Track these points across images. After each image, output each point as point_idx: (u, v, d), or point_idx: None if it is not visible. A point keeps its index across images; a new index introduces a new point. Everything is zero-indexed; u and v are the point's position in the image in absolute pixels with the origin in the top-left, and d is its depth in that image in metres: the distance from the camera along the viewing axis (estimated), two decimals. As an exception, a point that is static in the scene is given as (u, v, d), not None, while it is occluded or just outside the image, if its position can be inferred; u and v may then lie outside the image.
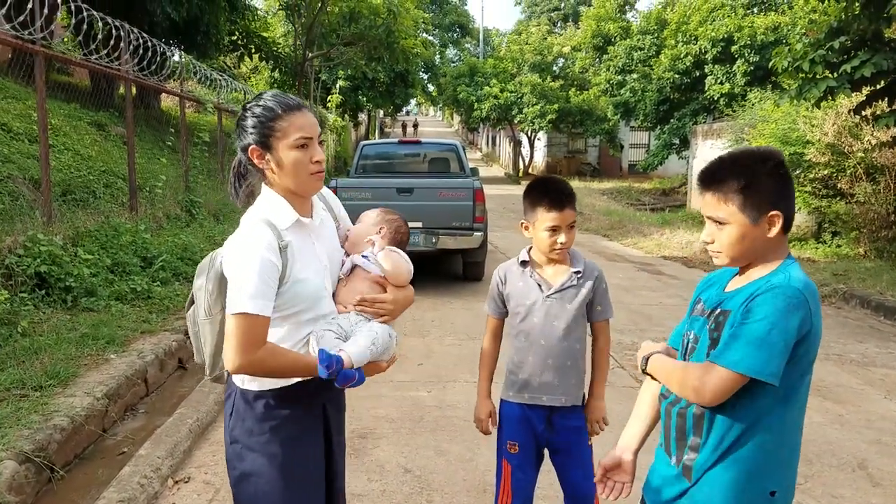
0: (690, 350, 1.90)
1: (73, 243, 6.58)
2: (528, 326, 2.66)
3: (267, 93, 2.02)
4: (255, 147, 1.96)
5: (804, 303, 1.66)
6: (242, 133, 1.99)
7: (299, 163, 1.95)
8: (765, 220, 1.73)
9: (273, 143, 1.95)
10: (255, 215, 1.95)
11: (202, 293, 2.01)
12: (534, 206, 2.61)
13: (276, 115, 1.94)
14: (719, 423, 1.77)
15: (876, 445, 4.44)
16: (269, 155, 1.96)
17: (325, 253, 2.11)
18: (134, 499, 3.42)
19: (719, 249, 1.81)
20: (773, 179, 1.73)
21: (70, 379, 4.46)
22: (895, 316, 7.69)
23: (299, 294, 1.96)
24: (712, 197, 1.79)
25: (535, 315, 2.64)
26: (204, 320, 2.02)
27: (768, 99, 14.90)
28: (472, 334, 6.92)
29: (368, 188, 8.88)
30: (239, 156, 2.06)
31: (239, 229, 1.94)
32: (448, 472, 3.97)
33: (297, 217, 1.99)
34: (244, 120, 1.99)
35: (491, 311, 2.83)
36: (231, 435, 2.05)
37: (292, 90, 21.96)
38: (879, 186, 10.62)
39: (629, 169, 32.71)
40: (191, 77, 12.17)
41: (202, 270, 2.03)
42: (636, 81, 24.20)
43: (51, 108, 8.66)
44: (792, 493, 1.82)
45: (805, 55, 8.14)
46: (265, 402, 2.02)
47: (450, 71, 36.09)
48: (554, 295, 2.62)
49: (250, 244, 1.87)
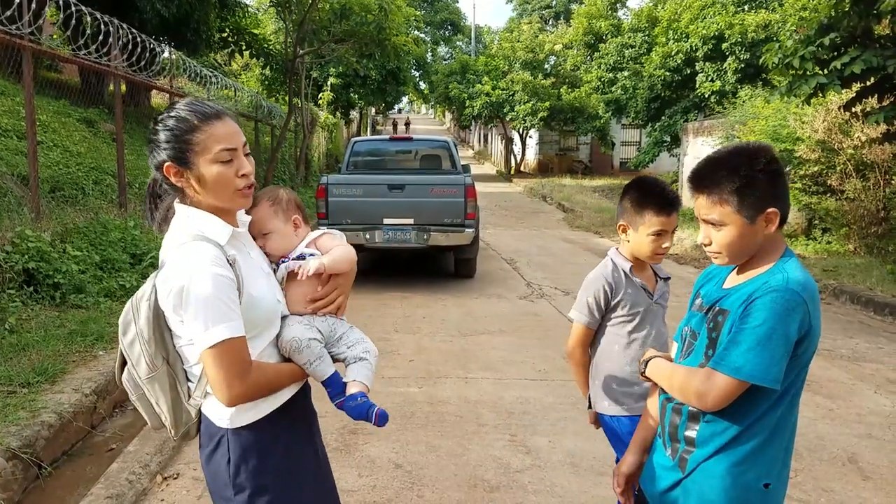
0: (688, 346, 1.89)
1: (62, 240, 6.54)
2: (642, 334, 2.52)
3: (180, 102, 1.80)
4: (171, 164, 1.73)
5: (802, 303, 1.65)
6: (155, 149, 1.75)
7: (224, 178, 1.74)
8: (762, 218, 1.73)
9: (191, 158, 1.72)
10: (183, 236, 1.72)
11: (136, 349, 1.76)
12: (640, 209, 2.44)
13: (192, 126, 1.72)
14: (715, 420, 1.77)
15: (866, 440, 4.45)
16: (188, 172, 1.73)
17: (261, 259, 1.94)
18: (122, 495, 3.40)
19: (718, 251, 1.80)
20: (767, 177, 1.72)
21: (58, 375, 4.43)
22: (885, 311, 7.73)
23: (258, 313, 1.78)
24: (706, 199, 1.77)
25: (647, 321, 2.54)
26: (148, 378, 1.78)
27: (759, 96, 14.92)
28: (463, 331, 6.91)
29: (359, 185, 8.87)
30: (154, 174, 1.82)
31: (170, 258, 1.71)
32: (439, 467, 3.96)
33: (232, 229, 1.79)
34: (155, 134, 1.75)
35: (588, 322, 2.55)
36: (235, 485, 1.79)
37: (283, 87, 21.90)
38: (869, 183, 10.66)
39: (621, 166, 32.74)
40: (181, 74, 12.11)
41: (128, 323, 1.78)
42: (627, 79, 24.20)
43: (40, 105, 8.61)
44: (785, 485, 1.83)
45: (795, 52, 8.15)
46: (265, 428, 1.83)
47: (441, 68, 36.04)
48: (659, 300, 2.57)
49: (195, 266, 1.65)
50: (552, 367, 5.76)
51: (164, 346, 1.77)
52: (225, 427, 1.80)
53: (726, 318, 1.75)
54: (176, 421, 1.83)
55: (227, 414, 1.79)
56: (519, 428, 4.53)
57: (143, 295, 1.77)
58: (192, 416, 1.84)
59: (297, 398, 1.93)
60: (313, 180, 18.34)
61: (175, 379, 1.79)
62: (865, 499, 3.69)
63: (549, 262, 11.01)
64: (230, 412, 1.78)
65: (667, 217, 2.41)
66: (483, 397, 5.06)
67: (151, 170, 1.81)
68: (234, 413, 1.78)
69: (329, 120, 27.17)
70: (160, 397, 1.80)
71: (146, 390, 1.81)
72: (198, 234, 1.72)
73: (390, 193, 8.74)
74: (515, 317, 7.53)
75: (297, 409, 1.94)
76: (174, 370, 1.79)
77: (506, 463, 4.03)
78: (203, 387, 1.79)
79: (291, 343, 1.85)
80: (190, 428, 1.86)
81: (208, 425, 1.83)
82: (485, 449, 4.22)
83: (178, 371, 1.80)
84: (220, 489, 1.83)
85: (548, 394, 5.14)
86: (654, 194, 2.44)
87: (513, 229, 15.34)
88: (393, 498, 3.62)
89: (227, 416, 1.79)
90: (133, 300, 1.80)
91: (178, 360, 1.80)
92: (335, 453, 4.10)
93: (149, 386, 1.80)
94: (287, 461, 1.86)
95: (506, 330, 6.99)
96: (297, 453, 1.92)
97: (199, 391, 1.80)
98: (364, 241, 8.66)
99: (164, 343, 1.76)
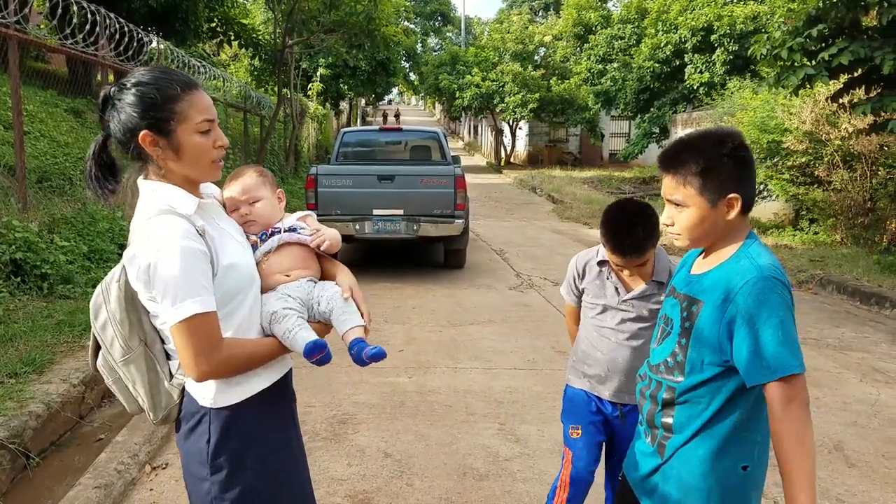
0: (663, 332, 1.90)
1: (49, 230, 6.49)
2: (609, 327, 2.62)
3: (148, 70, 1.74)
4: (148, 132, 1.67)
5: (785, 284, 1.67)
6: (122, 115, 1.68)
7: (202, 148, 1.72)
8: (723, 202, 1.73)
9: (172, 126, 1.68)
10: (149, 211, 1.67)
11: (109, 332, 1.73)
12: (602, 239, 2.50)
13: (174, 95, 1.69)
14: (690, 404, 1.79)
15: (852, 427, 4.50)
16: (165, 141, 1.69)
17: (231, 227, 1.89)
18: (111, 485, 3.40)
19: (678, 232, 1.81)
20: (733, 162, 1.72)
21: (46, 366, 4.42)
22: (871, 301, 7.79)
23: (235, 282, 1.74)
24: (671, 180, 1.78)
25: (613, 318, 2.60)
26: (123, 361, 1.74)
27: (747, 87, 14.98)
28: (452, 321, 6.92)
29: (349, 175, 8.85)
30: (101, 142, 1.75)
31: (137, 235, 1.67)
32: (428, 457, 3.98)
33: (197, 200, 1.74)
34: (123, 98, 1.69)
35: (567, 298, 2.82)
36: (213, 464, 1.75)
37: (272, 78, 21.78)
38: (856, 174, 10.73)
39: (610, 158, 32.82)
40: (169, 64, 12.03)
41: (98, 306, 1.75)
42: (617, 70, 24.26)
43: (26, 95, 8.54)
44: (764, 468, 1.84)
45: (783, 43, 8.18)
46: (249, 409, 1.79)
47: (431, 59, 35.94)
48: (631, 298, 2.57)
49: (164, 240, 1.61)
50: (541, 357, 5.78)
51: (141, 327, 1.73)
52: (208, 406, 1.76)
53: (701, 309, 1.75)
54: (154, 404, 1.78)
55: (210, 393, 1.75)
56: (508, 417, 4.55)
57: (113, 277, 1.75)
58: (174, 398, 1.80)
59: (280, 380, 1.91)
60: (303, 171, 18.29)
61: (154, 360, 1.76)
62: (851, 486, 3.73)
63: (539, 253, 11.03)
64: (213, 392, 1.75)
65: (621, 259, 2.44)
66: (472, 387, 5.08)
67: (105, 136, 1.75)
68: (218, 393, 1.75)
69: (318, 111, 27.06)
70: (137, 380, 1.76)
71: (122, 374, 1.77)
72: (164, 207, 1.67)
73: (380, 184, 8.72)
74: (505, 307, 7.55)
75: (279, 391, 1.91)
76: (152, 351, 1.76)
77: (495, 451, 4.05)
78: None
79: (266, 317, 1.82)
80: (171, 411, 1.81)
81: (190, 402, 1.78)
82: (474, 438, 4.24)
83: (157, 352, 1.77)
84: (195, 468, 1.79)
85: (536, 383, 5.16)
86: (609, 235, 2.45)
87: (502, 220, 15.35)
88: (382, 486, 3.63)
89: (210, 396, 1.75)
90: (103, 283, 1.77)
91: (156, 340, 1.76)
92: (325, 442, 4.11)
93: (124, 369, 1.76)
94: (268, 443, 1.84)
95: (495, 320, 7.01)
96: (278, 436, 1.89)
97: (182, 369, 1.73)
98: (354, 232, 8.65)
99: (140, 324, 1.73)
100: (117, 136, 1.72)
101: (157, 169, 1.74)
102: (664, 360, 1.86)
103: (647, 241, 2.40)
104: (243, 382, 1.78)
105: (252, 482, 1.79)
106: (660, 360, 1.88)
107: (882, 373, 5.57)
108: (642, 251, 2.41)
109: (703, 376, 1.75)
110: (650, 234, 2.40)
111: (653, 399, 1.87)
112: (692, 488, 1.79)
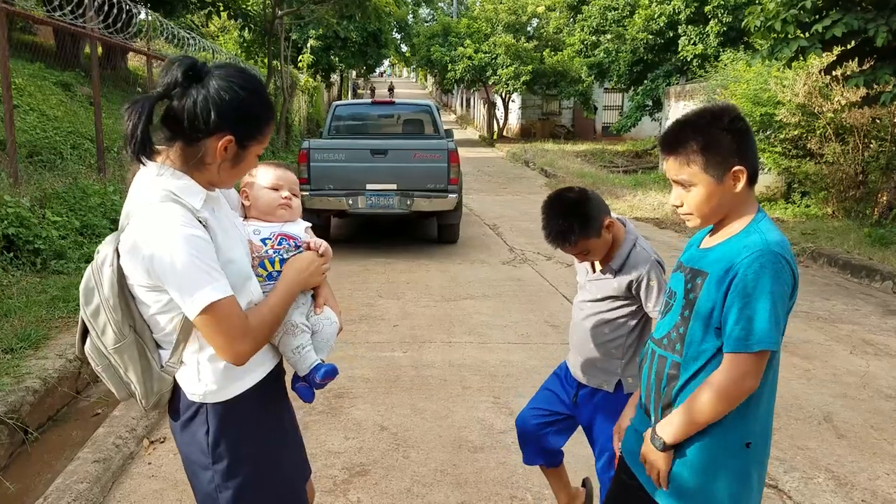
0: (667, 307, 1.91)
1: (41, 205, 6.47)
2: (576, 301, 2.69)
3: (251, 77, 1.70)
4: (233, 139, 1.65)
5: (787, 263, 1.69)
6: (211, 103, 1.60)
7: (244, 170, 1.78)
8: (729, 176, 1.74)
9: (250, 144, 1.70)
10: (151, 195, 1.63)
11: (101, 317, 1.68)
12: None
13: (268, 118, 1.73)
14: (692, 380, 1.80)
15: (841, 399, 4.56)
16: (235, 151, 1.68)
17: (232, 223, 1.86)
18: (109, 459, 3.42)
19: (689, 211, 1.82)
20: (731, 135, 1.73)
21: (41, 341, 4.42)
22: (861, 274, 7.86)
23: (233, 277, 1.69)
24: (675, 161, 1.79)
25: (580, 293, 2.66)
26: (115, 348, 1.70)
27: (741, 59, 14.91)
28: (447, 296, 6.95)
29: (342, 150, 8.80)
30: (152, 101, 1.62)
31: (136, 221, 1.62)
32: (424, 429, 4.02)
33: (206, 193, 1.71)
34: (222, 89, 1.62)
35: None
36: (214, 454, 1.76)
37: (262, 50, 21.57)
38: (848, 147, 10.75)
39: (603, 131, 32.71)
40: (158, 36, 11.90)
41: (90, 291, 1.69)
42: (610, 42, 24.06)
43: (14, 68, 8.44)
44: (768, 443, 1.86)
45: (777, 15, 8.13)
46: (246, 399, 1.79)
47: (423, 31, 35.62)
48: (593, 280, 2.59)
49: (165, 229, 1.57)
50: (535, 332, 5.82)
51: (130, 314, 1.69)
52: (203, 402, 1.76)
53: (705, 281, 1.77)
54: (146, 391, 1.74)
55: (203, 389, 1.74)
56: (502, 390, 4.59)
57: (105, 260, 1.68)
58: (166, 383, 1.76)
59: (276, 368, 1.93)
60: (294, 145, 18.21)
61: (144, 347, 1.72)
62: (840, 456, 3.79)
63: (532, 228, 11.04)
64: (204, 389, 1.74)
65: (558, 248, 2.45)
66: (467, 361, 5.12)
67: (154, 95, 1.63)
68: (215, 388, 1.75)
69: (309, 83, 26.85)
70: (129, 367, 1.72)
71: (112, 360, 1.73)
72: (168, 194, 1.63)
73: (373, 158, 8.69)
74: (498, 282, 7.58)
75: (273, 379, 1.92)
76: (142, 338, 1.71)
77: (489, 424, 4.09)
78: (179, 354, 1.72)
79: (282, 326, 1.87)
80: (162, 397, 1.78)
81: (183, 395, 1.77)
82: (469, 411, 4.28)
83: (147, 339, 1.72)
84: (195, 456, 1.80)
85: (530, 357, 5.20)
86: (542, 223, 2.46)
87: (495, 194, 15.34)
88: (379, 459, 3.67)
89: (200, 393, 1.75)
90: (93, 266, 1.70)
91: (145, 328, 1.72)
92: (322, 416, 4.14)
93: (116, 356, 1.72)
94: (266, 431, 1.86)
95: (489, 295, 7.04)
96: (275, 422, 1.92)
97: (174, 358, 1.73)
98: (347, 207, 8.63)
99: (130, 310, 1.69)
100: (194, 119, 1.62)
101: (187, 158, 1.67)
102: (667, 334, 1.87)
103: (572, 234, 2.37)
104: (235, 380, 1.78)
105: (252, 469, 1.81)
106: (663, 334, 1.89)
107: (872, 345, 5.63)
108: (567, 242, 2.39)
109: (704, 348, 1.76)
110: (574, 227, 2.36)
111: (657, 376, 1.88)
112: (694, 466, 1.80)
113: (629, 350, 2.53)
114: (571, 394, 2.68)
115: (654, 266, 2.43)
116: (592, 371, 2.59)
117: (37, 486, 3.30)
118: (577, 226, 2.36)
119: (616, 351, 2.53)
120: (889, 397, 4.60)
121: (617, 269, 2.46)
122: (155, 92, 1.65)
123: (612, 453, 2.52)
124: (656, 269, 2.44)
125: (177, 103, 1.62)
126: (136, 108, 1.60)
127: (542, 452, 2.80)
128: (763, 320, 1.65)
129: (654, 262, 2.44)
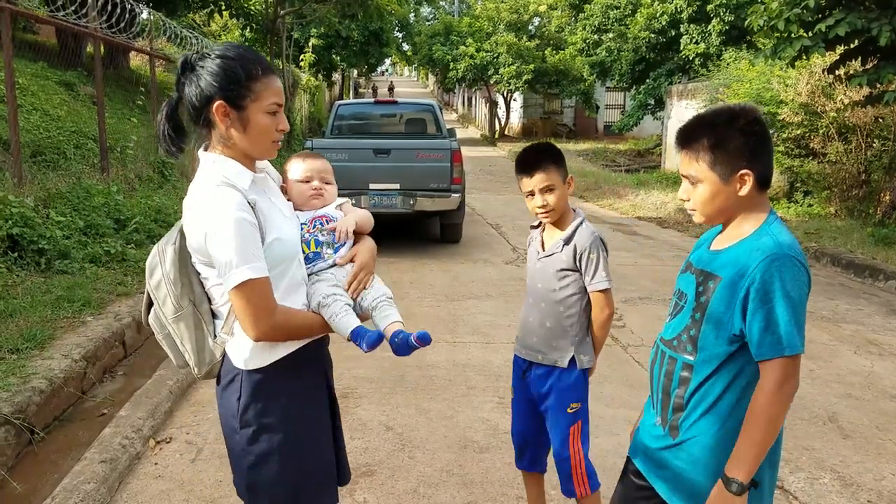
0: (676, 307, 1.91)
1: (45, 205, 6.47)
2: (528, 284, 2.78)
3: (234, 46, 1.88)
4: (223, 103, 1.80)
5: (801, 265, 1.69)
6: (202, 81, 1.80)
7: (267, 128, 1.85)
8: (735, 178, 1.74)
9: (246, 103, 1.81)
10: (209, 182, 1.81)
11: (163, 290, 1.88)
12: (516, 174, 2.69)
13: (255, 74, 1.81)
14: (704, 381, 1.80)
15: (846, 399, 4.56)
16: (236, 114, 1.81)
17: (280, 201, 2.01)
18: (116, 459, 3.43)
19: (694, 207, 1.83)
20: (744, 137, 1.73)
21: (47, 342, 4.43)
22: (865, 273, 7.85)
23: (279, 254, 1.86)
24: (685, 155, 1.80)
25: (531, 275, 2.76)
26: (174, 318, 1.89)
27: (743, 59, 14.90)
28: (450, 296, 6.95)
29: (345, 149, 8.80)
30: (173, 103, 1.88)
31: (196, 202, 1.80)
32: (429, 429, 4.02)
33: (253, 175, 1.88)
34: (205, 66, 1.81)
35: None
36: (242, 420, 1.90)
37: (263, 48, 21.57)
38: (851, 146, 10.74)
39: (605, 130, 32.68)
40: (160, 35, 11.90)
41: (154, 266, 1.89)
42: (612, 41, 24.05)
43: (18, 68, 8.44)
44: (779, 445, 1.85)
45: (780, 14, 8.13)
46: (276, 374, 1.90)
47: (425, 30, 35.59)
48: (544, 258, 2.68)
49: (220, 210, 1.75)
50: (539, 331, 5.81)
51: (191, 288, 1.88)
52: (241, 367, 1.90)
53: (717, 285, 1.76)
54: (199, 360, 1.93)
55: (243, 356, 1.89)
56: (507, 390, 4.55)
57: (169, 240, 1.89)
58: (217, 355, 1.93)
59: (310, 345, 1.99)
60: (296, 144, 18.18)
61: (200, 319, 1.90)
62: (845, 456, 3.79)
63: (535, 226, 11.03)
64: (246, 355, 1.88)
65: (528, 178, 2.60)
66: (471, 361, 5.12)
67: (178, 97, 1.87)
68: (249, 356, 1.88)
69: (311, 82, 26.85)
70: (185, 337, 1.90)
71: (171, 330, 1.91)
72: (223, 180, 1.80)
73: (376, 158, 8.68)
74: (502, 281, 7.58)
75: (311, 355, 2.00)
76: (200, 311, 1.90)
77: (494, 424, 4.09)
78: (230, 325, 1.88)
79: (317, 299, 1.95)
80: (213, 367, 1.96)
81: (228, 361, 1.93)
82: (474, 411, 4.28)
83: (204, 312, 1.91)
84: (228, 420, 1.95)
85: (535, 356, 5.20)
86: (517, 160, 2.67)
87: (498, 194, 15.34)
88: (385, 459, 3.68)
89: (242, 359, 1.89)
90: (159, 245, 1.91)
91: (204, 300, 1.90)
92: (326, 416, 4.14)
93: (174, 326, 1.90)
94: (294, 406, 1.94)
95: (492, 294, 7.04)
96: (306, 399, 1.99)
97: (225, 329, 1.89)
98: (350, 207, 8.60)
99: (191, 285, 1.88)
100: (192, 100, 1.84)
101: (220, 139, 1.86)
102: (678, 335, 1.87)
103: (545, 159, 2.59)
104: (269, 348, 1.89)
105: (275, 441, 1.91)
106: (674, 335, 1.88)
107: (876, 345, 5.63)
108: (539, 165, 2.58)
109: (716, 351, 1.77)
110: (547, 154, 2.62)
111: (667, 377, 1.88)
112: (709, 469, 1.80)
113: (583, 327, 2.66)
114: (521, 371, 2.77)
115: (597, 241, 2.61)
116: (547, 349, 2.67)
117: (43, 487, 3.30)
118: (549, 155, 2.62)
119: (571, 329, 2.64)
120: (894, 397, 4.60)
121: (566, 240, 2.62)
122: (173, 94, 1.89)
123: (566, 433, 2.65)
124: (598, 244, 2.61)
125: (184, 97, 1.86)
126: (161, 111, 1.89)
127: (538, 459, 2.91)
128: (788, 324, 1.66)
129: (597, 238, 2.62)
